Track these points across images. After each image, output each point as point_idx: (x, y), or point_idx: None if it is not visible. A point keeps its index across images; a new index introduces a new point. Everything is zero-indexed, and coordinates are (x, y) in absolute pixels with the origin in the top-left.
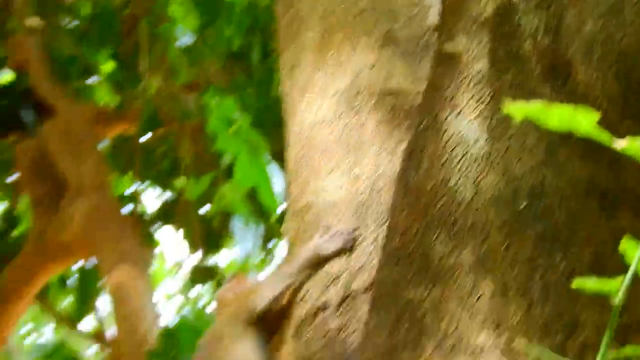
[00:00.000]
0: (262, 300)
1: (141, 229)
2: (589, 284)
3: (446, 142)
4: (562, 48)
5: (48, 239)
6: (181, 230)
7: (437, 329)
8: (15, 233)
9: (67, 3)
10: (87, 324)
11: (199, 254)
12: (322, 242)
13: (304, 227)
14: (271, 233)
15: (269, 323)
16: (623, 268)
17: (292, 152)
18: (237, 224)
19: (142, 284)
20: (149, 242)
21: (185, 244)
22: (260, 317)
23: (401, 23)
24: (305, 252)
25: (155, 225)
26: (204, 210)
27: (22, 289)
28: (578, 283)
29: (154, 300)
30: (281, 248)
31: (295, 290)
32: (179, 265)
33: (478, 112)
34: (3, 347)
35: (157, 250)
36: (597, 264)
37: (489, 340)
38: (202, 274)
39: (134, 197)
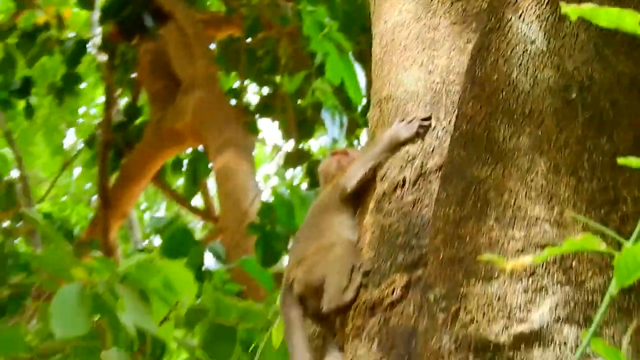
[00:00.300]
0: (351, 181)
1: (244, 119)
2: (631, 162)
3: (509, 41)
4: None
5: (164, 128)
6: (278, 121)
7: (499, 203)
8: (136, 123)
9: None
10: (197, 201)
11: (293, 141)
12: (400, 128)
13: (385, 115)
14: (356, 122)
15: (357, 199)
16: None
17: (377, 50)
18: (326, 114)
19: (244, 166)
20: (251, 130)
21: (281, 132)
22: (351, 195)
23: None
24: (385, 137)
25: (256, 116)
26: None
27: (141, 171)
28: (621, 161)
29: (255, 180)
30: (364, 134)
31: (377, 169)
32: (276, 150)
33: (537, 14)
34: (124, 220)
35: (258, 138)
36: (637, 146)
37: (542, 212)
38: (295, 158)
39: (238, 92)
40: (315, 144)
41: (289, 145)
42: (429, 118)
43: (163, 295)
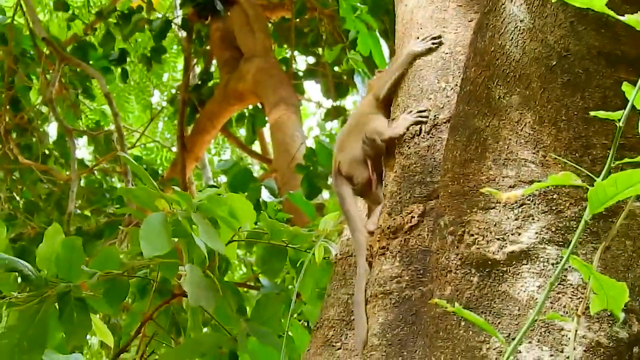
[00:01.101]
0: (382, 89)
1: (293, 82)
2: (599, 114)
3: (503, 20)
4: None
5: (230, 89)
6: (320, 83)
7: (495, 148)
8: (209, 85)
9: None
10: (255, 147)
11: (331, 99)
12: (414, 45)
13: (405, 80)
14: None
15: (387, 105)
16: (622, 105)
17: (399, 27)
18: (358, 79)
19: (293, 119)
20: (298, 91)
21: (322, 93)
22: (383, 100)
23: None
24: (404, 53)
25: (303, 80)
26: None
27: (212, 123)
28: (593, 113)
29: (301, 130)
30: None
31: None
32: (318, 106)
33: None
34: (198, 162)
35: (304, 97)
36: (604, 103)
37: (530, 155)
38: (333, 113)
39: (289, 61)
40: (349, 102)
41: (329, 103)
42: (439, 37)
43: (229, 221)
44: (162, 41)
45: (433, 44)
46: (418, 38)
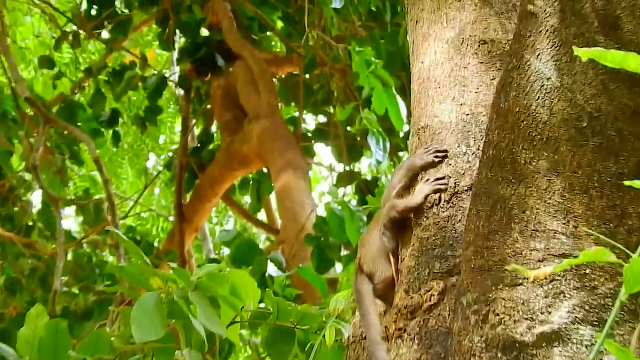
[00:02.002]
0: (388, 199)
1: (302, 144)
2: (635, 183)
3: (528, 78)
4: (613, 8)
5: (233, 152)
6: (331, 145)
7: (522, 218)
8: (209, 148)
9: None
10: (261, 216)
11: (344, 163)
12: (418, 155)
13: (422, 142)
14: (398, 146)
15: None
16: None
17: (415, 86)
18: (372, 140)
19: (302, 185)
20: (308, 154)
21: (334, 156)
22: (391, 222)
23: None
24: (407, 162)
25: (312, 142)
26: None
27: (213, 190)
28: (628, 183)
29: (311, 197)
30: (405, 157)
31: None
32: (330, 171)
33: (552, 55)
34: (198, 233)
35: (314, 160)
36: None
37: (560, 226)
38: (346, 178)
39: (297, 121)
40: (364, 166)
41: (341, 167)
42: (444, 151)
43: (231, 301)
44: (157, 100)
45: (437, 157)
46: (424, 151)
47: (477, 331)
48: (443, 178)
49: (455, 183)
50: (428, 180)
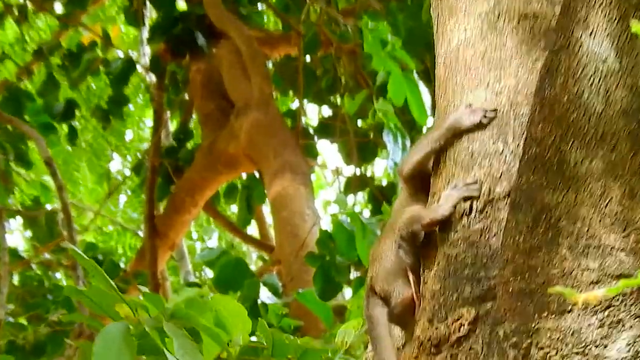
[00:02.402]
0: (405, 164)
1: (302, 142)
2: None
3: (579, 60)
4: None
5: (216, 152)
6: (338, 143)
7: (571, 231)
8: (187, 147)
9: None
10: (251, 230)
11: (354, 165)
12: (462, 114)
13: None
14: None
15: (418, 181)
16: None
17: (441, 70)
18: (389, 137)
19: (302, 192)
20: (309, 153)
21: (341, 156)
22: (407, 179)
23: None
24: (446, 122)
25: (315, 139)
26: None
27: (192, 198)
28: None
29: (314, 207)
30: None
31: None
32: (336, 174)
33: (608, 32)
34: (174, 251)
35: (316, 162)
36: None
37: (618, 240)
38: (356, 184)
39: (296, 113)
40: (378, 168)
41: (350, 170)
42: (495, 110)
43: (215, 333)
44: (123, 88)
45: (485, 117)
46: (468, 106)
47: None
48: (475, 182)
49: (490, 188)
50: (455, 185)
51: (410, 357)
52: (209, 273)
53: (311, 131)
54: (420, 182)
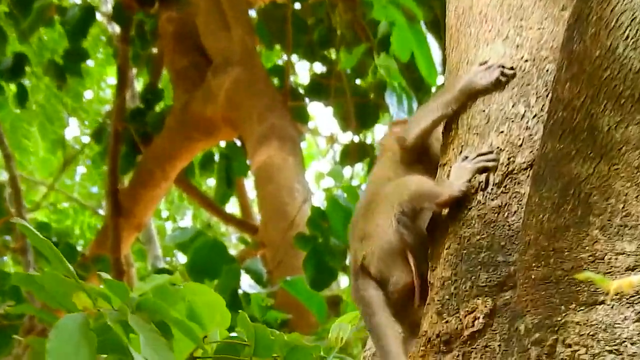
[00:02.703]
0: (411, 130)
1: (291, 104)
2: None
3: (613, 8)
4: None
5: (191, 116)
6: (333, 106)
7: (604, 208)
8: (156, 110)
9: None
10: (231, 207)
11: (351, 131)
12: (476, 74)
13: None
14: None
15: (419, 154)
16: None
17: (452, 20)
18: (392, 98)
19: (291, 162)
20: (300, 117)
21: (337, 120)
22: (412, 151)
23: None
24: (458, 83)
25: (306, 100)
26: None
27: (162, 170)
28: None
29: (304, 180)
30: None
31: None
32: (331, 142)
33: None
34: (140, 232)
35: (308, 127)
36: None
37: None
38: (354, 153)
39: (284, 70)
40: (380, 135)
41: (347, 137)
42: (512, 68)
43: (188, 327)
44: (81, 41)
45: (503, 74)
46: (483, 64)
47: None
48: (490, 152)
49: (509, 159)
50: (467, 157)
51: (415, 356)
52: (182, 258)
53: (301, 91)
54: (421, 149)
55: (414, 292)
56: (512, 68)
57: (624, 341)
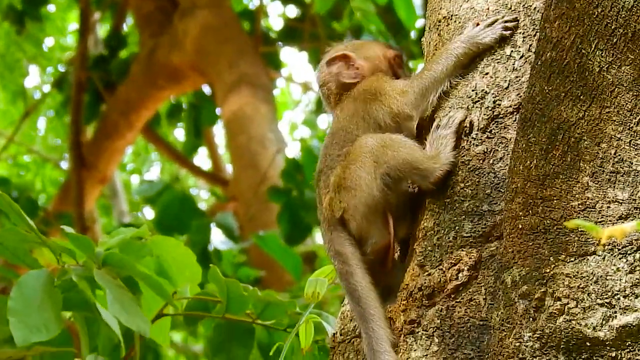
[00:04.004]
0: (422, 102)
1: (263, 49)
2: None
3: None
4: None
5: (157, 62)
6: (307, 51)
7: (595, 154)
8: (121, 57)
9: None
10: (201, 159)
11: None
12: (478, 33)
13: (444, 40)
14: (409, 51)
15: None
16: None
17: None
18: None
19: (263, 111)
20: (272, 64)
21: (312, 67)
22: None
23: None
24: (459, 45)
25: (279, 45)
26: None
27: (127, 119)
28: None
29: (278, 130)
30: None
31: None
32: (306, 88)
33: None
34: (105, 186)
35: (281, 74)
36: None
37: None
38: None
39: (255, 13)
40: None
41: None
42: (515, 19)
43: (156, 283)
44: None
45: (507, 29)
46: (479, 24)
47: (528, 324)
48: (463, 120)
49: (495, 102)
50: (439, 125)
51: (396, 310)
52: (149, 213)
53: (273, 36)
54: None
55: (388, 254)
56: (514, 19)
57: (617, 294)
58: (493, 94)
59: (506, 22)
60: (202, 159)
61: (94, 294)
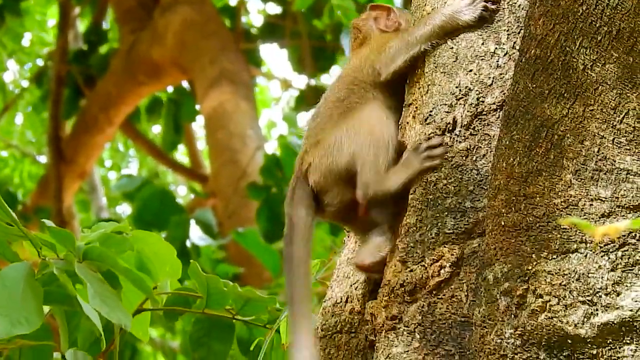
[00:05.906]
0: (387, 67)
1: (243, 46)
2: None
3: None
4: None
5: (137, 57)
6: (287, 48)
7: (578, 152)
8: (101, 52)
9: None
10: (180, 155)
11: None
12: (460, 8)
13: None
14: None
15: (394, 88)
16: None
17: None
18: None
19: (243, 108)
20: (252, 61)
21: (291, 64)
22: (384, 84)
23: None
24: (439, 16)
25: (259, 42)
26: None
27: (106, 115)
28: None
29: (258, 126)
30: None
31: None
32: (285, 86)
33: None
34: (84, 181)
35: (261, 70)
36: None
37: (635, 163)
38: (310, 97)
39: (236, 10)
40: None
41: (302, 81)
42: (497, 1)
43: (137, 277)
44: None
45: (486, 10)
46: (468, 2)
47: (510, 320)
48: (439, 145)
49: (478, 99)
50: (417, 148)
51: (378, 306)
52: (128, 209)
53: (254, 32)
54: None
55: (355, 205)
56: (497, 2)
57: (598, 291)
58: (477, 90)
59: (487, 2)
60: (181, 155)
61: (75, 287)
